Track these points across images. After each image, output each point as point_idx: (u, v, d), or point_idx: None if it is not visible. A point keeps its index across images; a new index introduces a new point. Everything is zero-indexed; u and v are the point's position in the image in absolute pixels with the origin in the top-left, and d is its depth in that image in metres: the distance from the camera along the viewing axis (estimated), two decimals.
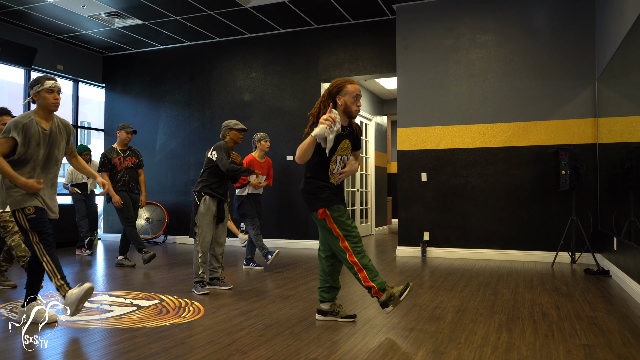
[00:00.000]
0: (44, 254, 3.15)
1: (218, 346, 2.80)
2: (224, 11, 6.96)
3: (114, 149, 5.83)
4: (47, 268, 3.16)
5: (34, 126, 3.18)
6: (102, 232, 9.10)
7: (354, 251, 3.12)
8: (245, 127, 4.49)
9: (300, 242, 7.64)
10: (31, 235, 3.15)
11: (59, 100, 3.28)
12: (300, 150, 3.08)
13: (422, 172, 6.60)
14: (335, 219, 3.15)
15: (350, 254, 3.12)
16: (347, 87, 3.20)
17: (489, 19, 6.37)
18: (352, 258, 3.12)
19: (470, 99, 6.41)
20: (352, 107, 3.22)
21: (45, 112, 3.26)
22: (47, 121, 3.27)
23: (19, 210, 3.15)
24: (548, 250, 5.99)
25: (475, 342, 2.86)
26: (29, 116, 3.21)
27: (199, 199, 4.30)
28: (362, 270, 3.12)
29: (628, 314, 3.52)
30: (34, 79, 3.29)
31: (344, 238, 3.14)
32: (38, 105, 3.25)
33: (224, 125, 4.48)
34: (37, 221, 3.16)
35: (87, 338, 3.00)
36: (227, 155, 4.33)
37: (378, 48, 7.28)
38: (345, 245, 3.13)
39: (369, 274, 3.11)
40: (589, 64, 5.93)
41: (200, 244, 4.26)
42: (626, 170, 4.32)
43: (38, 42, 7.87)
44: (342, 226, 3.15)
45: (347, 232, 3.14)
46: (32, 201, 3.17)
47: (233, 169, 4.29)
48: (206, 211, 4.27)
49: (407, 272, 5.30)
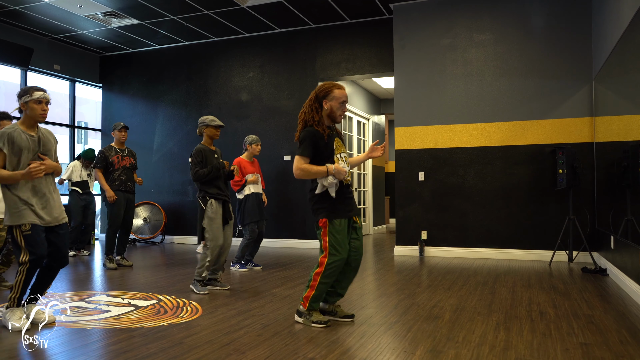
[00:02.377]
0: (23, 272, 3.13)
1: (216, 346, 2.80)
2: (221, 11, 6.95)
3: (112, 148, 5.82)
4: (16, 280, 3.15)
5: (20, 134, 3.14)
6: (99, 232, 9.08)
7: (324, 273, 3.14)
8: (222, 124, 4.47)
9: (298, 241, 7.64)
10: (23, 253, 3.11)
11: (47, 111, 3.24)
12: (305, 173, 3.10)
13: (420, 172, 6.61)
14: (332, 233, 3.14)
15: (319, 272, 3.15)
16: (335, 92, 3.21)
17: (486, 18, 6.37)
18: (317, 276, 3.16)
19: (467, 98, 6.42)
20: (337, 112, 3.23)
21: (31, 122, 3.22)
22: (33, 130, 3.23)
23: (15, 227, 3.12)
24: (545, 249, 6.00)
25: (473, 341, 2.87)
26: (13, 127, 3.17)
27: (205, 204, 4.29)
28: (313, 291, 3.17)
29: (625, 313, 3.53)
30: (22, 88, 3.24)
31: (327, 255, 3.14)
32: (25, 115, 3.21)
33: (200, 121, 4.45)
34: (32, 240, 3.11)
35: (85, 338, 3.00)
36: (199, 162, 4.30)
37: (375, 47, 7.28)
38: (323, 262, 3.14)
39: (313, 298, 3.18)
40: (586, 63, 5.95)
41: (211, 249, 4.25)
42: (623, 169, 4.34)
43: (34, 42, 7.85)
44: (334, 242, 3.13)
45: (334, 250, 3.13)
46: (30, 217, 3.12)
47: (200, 177, 4.28)
48: (214, 215, 4.26)
49: (405, 272, 5.31)
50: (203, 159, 4.33)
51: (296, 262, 6.02)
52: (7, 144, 3.10)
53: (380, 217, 10.83)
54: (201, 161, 4.31)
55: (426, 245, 6.53)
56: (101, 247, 7.89)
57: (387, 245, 7.92)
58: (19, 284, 3.16)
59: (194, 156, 4.34)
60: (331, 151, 3.19)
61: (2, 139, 3.10)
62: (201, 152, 4.34)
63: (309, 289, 3.19)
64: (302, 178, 3.14)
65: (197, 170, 4.29)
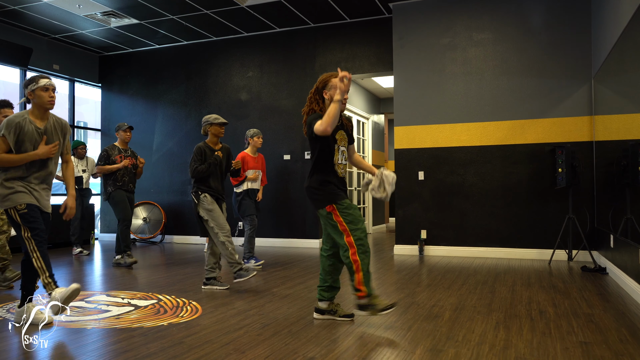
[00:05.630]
0: (34, 249, 3.13)
1: (216, 345, 2.80)
2: (220, 10, 6.95)
3: (115, 147, 5.84)
4: (36, 264, 3.13)
5: (28, 125, 3.17)
6: (99, 232, 9.08)
7: (358, 249, 3.10)
8: (226, 121, 4.55)
9: (298, 241, 7.64)
10: (23, 230, 3.13)
11: (55, 98, 3.27)
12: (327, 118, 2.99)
13: (419, 171, 6.61)
14: (342, 212, 3.14)
15: (353, 252, 3.10)
16: (332, 80, 3.24)
17: (485, 17, 6.37)
18: (354, 257, 3.09)
19: (466, 97, 6.42)
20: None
21: (40, 110, 3.24)
22: (42, 120, 3.26)
23: (11, 208, 3.14)
24: (545, 248, 6.00)
25: (473, 340, 2.87)
26: (23, 115, 3.19)
27: (197, 198, 4.36)
28: (360, 272, 3.11)
29: (625, 311, 3.53)
30: (28, 78, 3.28)
31: (349, 232, 3.11)
32: (33, 104, 3.24)
33: (204, 120, 4.52)
34: (29, 217, 3.15)
35: (84, 338, 3.00)
36: (199, 159, 4.37)
37: (374, 47, 7.28)
38: (350, 241, 3.11)
39: (365, 279, 3.12)
40: (585, 61, 5.95)
41: (221, 235, 4.29)
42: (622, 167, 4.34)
43: (34, 42, 7.84)
44: (348, 219, 3.13)
45: (353, 225, 3.12)
46: (25, 198, 3.16)
47: (199, 173, 4.35)
48: (210, 204, 4.34)
49: (405, 271, 5.31)
50: (203, 156, 4.41)
51: (296, 262, 6.02)
52: (13, 134, 3.13)
53: (380, 216, 10.83)
54: (201, 159, 4.40)
55: (426, 245, 6.53)
56: (101, 247, 7.89)
57: (387, 244, 7.92)
58: (40, 264, 3.12)
59: (194, 153, 4.42)
60: (333, 139, 3.21)
61: (9, 127, 3.13)
62: (201, 150, 4.43)
63: (355, 273, 3.11)
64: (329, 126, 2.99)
65: (196, 167, 4.36)
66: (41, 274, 3.16)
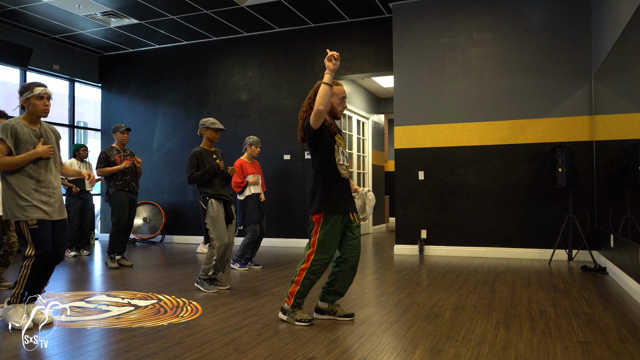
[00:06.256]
0: (28, 267, 3.13)
1: (216, 345, 2.80)
2: (220, 10, 6.95)
3: (113, 148, 5.84)
4: (20, 275, 3.15)
5: (22, 128, 3.18)
6: (99, 232, 9.08)
7: (309, 269, 3.16)
8: (222, 127, 4.52)
9: (298, 241, 7.64)
10: (29, 247, 3.13)
11: (49, 106, 3.27)
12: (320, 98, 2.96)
13: (420, 171, 6.60)
14: (323, 228, 3.13)
15: (304, 268, 3.17)
16: (334, 88, 3.20)
17: (485, 17, 6.37)
18: (302, 272, 3.18)
19: (466, 97, 6.42)
20: (337, 108, 3.25)
21: (33, 117, 3.26)
22: (35, 124, 3.27)
23: (22, 221, 3.13)
24: (545, 247, 6.00)
25: (473, 339, 2.87)
26: (16, 120, 3.20)
27: (205, 204, 4.33)
28: (298, 286, 3.19)
29: (625, 311, 3.53)
30: (23, 85, 3.27)
31: (314, 252, 3.15)
32: (27, 111, 3.25)
33: (201, 123, 4.50)
34: (39, 234, 3.13)
35: (85, 338, 3.00)
36: (194, 166, 4.35)
37: (374, 46, 7.28)
38: (309, 258, 3.16)
39: (298, 294, 3.20)
40: (585, 61, 5.95)
41: (217, 248, 4.28)
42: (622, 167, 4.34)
43: (33, 42, 7.84)
44: (322, 242, 3.13)
45: (322, 249, 3.14)
46: (36, 213, 3.14)
47: (194, 180, 4.33)
48: (216, 214, 4.30)
49: (405, 271, 5.31)
50: (198, 162, 4.38)
51: (296, 262, 6.02)
52: (10, 136, 3.13)
53: (380, 216, 10.83)
54: (196, 165, 4.37)
55: (426, 244, 6.53)
56: (101, 247, 7.89)
57: (387, 244, 7.92)
58: (23, 279, 3.15)
59: (189, 160, 4.40)
60: (333, 140, 3.21)
61: (5, 130, 3.13)
62: (196, 156, 4.39)
63: (293, 284, 3.21)
64: (320, 105, 2.97)
65: (192, 173, 4.34)
66: (18, 285, 3.16)
